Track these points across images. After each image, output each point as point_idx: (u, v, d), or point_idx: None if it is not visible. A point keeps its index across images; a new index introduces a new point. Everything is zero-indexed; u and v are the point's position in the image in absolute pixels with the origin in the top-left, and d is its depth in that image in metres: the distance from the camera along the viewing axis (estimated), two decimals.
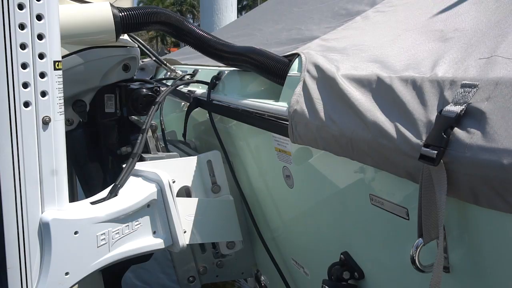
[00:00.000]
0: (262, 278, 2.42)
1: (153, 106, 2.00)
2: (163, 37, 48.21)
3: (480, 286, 1.06)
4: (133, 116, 2.31)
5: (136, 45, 2.20)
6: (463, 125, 0.93)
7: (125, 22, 1.90)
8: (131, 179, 1.76)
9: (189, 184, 1.97)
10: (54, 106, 1.41)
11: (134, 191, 1.70)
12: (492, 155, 0.86)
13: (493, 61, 1.00)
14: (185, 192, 2.00)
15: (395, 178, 1.13)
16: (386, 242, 1.32)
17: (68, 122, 2.14)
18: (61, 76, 1.43)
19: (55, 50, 1.40)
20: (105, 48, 1.98)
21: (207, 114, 2.18)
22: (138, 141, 1.83)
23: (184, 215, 1.85)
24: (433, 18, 1.51)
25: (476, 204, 0.93)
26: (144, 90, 2.15)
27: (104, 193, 1.68)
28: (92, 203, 1.62)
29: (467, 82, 0.98)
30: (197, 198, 1.94)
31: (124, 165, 1.78)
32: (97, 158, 2.24)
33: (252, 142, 1.99)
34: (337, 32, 1.96)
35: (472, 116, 0.93)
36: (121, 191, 1.68)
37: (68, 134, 2.11)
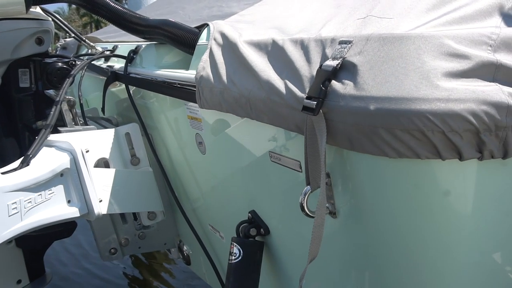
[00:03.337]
0: (185, 248, 2.48)
1: (68, 79, 2.00)
2: (97, 23, 46.81)
3: (364, 228, 1.16)
4: (50, 91, 2.28)
5: (50, 19, 2.18)
6: (339, 77, 1.02)
7: None
8: (44, 149, 1.76)
9: (107, 156, 1.99)
10: None
11: (46, 160, 1.70)
12: (362, 103, 0.96)
13: (368, 21, 1.09)
14: (104, 164, 2.01)
15: (288, 133, 1.22)
16: (285, 197, 1.41)
17: None
18: None
19: None
20: (16, 20, 1.96)
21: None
22: (52, 112, 1.83)
23: (101, 185, 1.86)
24: None
25: (352, 150, 1.02)
26: (59, 63, 2.14)
27: (16, 163, 1.67)
28: (3, 173, 1.61)
29: (344, 39, 1.06)
30: (114, 169, 1.96)
31: (37, 137, 1.77)
32: (12, 133, 2.21)
33: (168, 113, 2.02)
34: (254, 8, 2.03)
35: (346, 69, 1.02)
36: (33, 161, 1.68)
37: None
